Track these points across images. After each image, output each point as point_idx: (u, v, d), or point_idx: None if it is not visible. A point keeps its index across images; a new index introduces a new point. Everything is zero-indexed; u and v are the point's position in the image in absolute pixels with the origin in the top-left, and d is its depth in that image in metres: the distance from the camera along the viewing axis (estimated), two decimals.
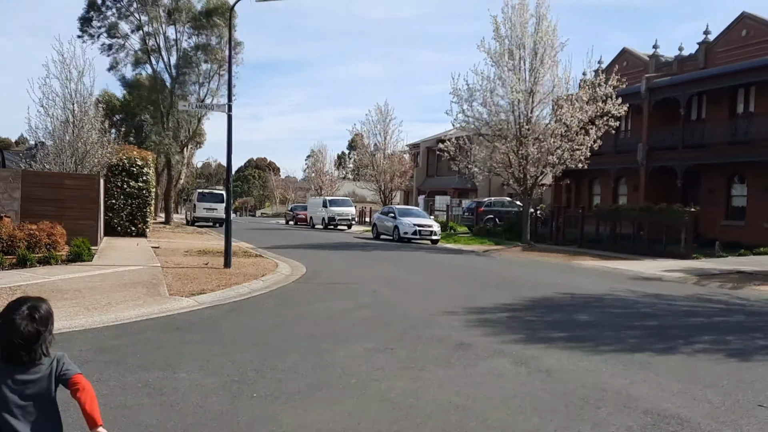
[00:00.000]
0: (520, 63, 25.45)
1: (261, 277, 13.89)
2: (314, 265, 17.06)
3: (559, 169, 25.67)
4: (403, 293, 12.20)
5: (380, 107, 43.53)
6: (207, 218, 40.47)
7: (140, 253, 17.61)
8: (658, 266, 19.81)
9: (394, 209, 31.87)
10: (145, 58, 36.21)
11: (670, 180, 29.54)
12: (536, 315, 10.28)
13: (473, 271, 17.13)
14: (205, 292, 11.51)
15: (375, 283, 13.60)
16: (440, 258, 21.26)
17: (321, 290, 12.36)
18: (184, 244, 22.39)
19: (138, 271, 13.72)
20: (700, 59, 29.31)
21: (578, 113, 24.62)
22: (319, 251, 22.48)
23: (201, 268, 14.67)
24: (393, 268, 17.07)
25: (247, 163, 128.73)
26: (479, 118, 26.09)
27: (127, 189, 23.58)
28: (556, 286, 14.03)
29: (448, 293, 12.39)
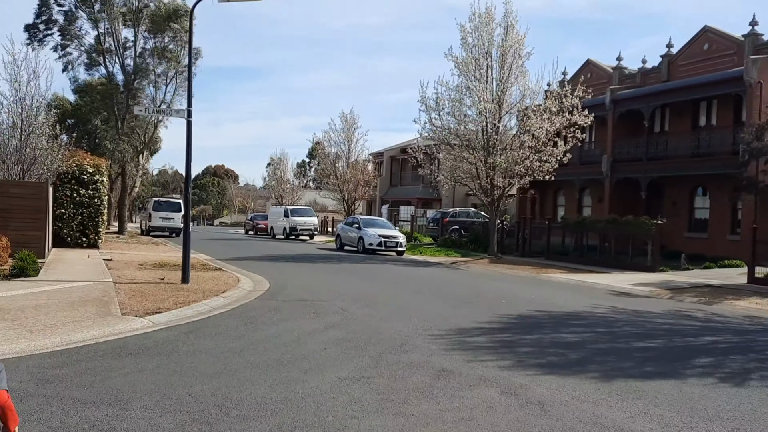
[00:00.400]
0: (488, 72, 25.14)
1: (221, 293, 13.08)
2: (278, 279, 16.29)
3: (526, 180, 25.41)
4: (373, 311, 11.55)
5: (345, 114, 42.91)
6: (163, 228, 39.16)
7: (91, 267, 16.57)
8: (627, 279, 19.59)
9: (359, 220, 31.21)
10: (99, 61, 34.89)
11: (634, 191, 29.57)
12: (517, 335, 9.74)
13: (444, 285, 16.58)
14: (161, 311, 10.67)
15: (343, 299, 12.92)
16: (408, 271, 20.67)
17: (286, 308, 11.63)
18: (138, 257, 21.35)
19: (88, 287, 12.77)
20: (663, 72, 29.51)
21: (546, 124, 24.39)
22: (281, 264, 21.67)
23: (156, 284, 13.78)
24: (360, 283, 16.41)
25: (205, 170, 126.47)
26: (447, 127, 25.68)
27: (78, 198, 22.42)
28: (531, 302, 13.56)
29: (420, 311, 11.78)
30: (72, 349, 7.85)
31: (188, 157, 13.87)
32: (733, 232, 25.81)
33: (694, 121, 28.33)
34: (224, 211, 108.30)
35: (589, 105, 27.06)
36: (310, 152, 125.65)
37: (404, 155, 53.74)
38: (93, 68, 35.55)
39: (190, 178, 14.11)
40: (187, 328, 9.53)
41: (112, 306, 10.88)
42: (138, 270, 16.69)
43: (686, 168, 27.12)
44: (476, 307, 12.52)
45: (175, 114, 13.88)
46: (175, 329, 9.48)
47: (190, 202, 14.27)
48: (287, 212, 43.35)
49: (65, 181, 22.28)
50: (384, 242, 28.62)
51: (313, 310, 11.40)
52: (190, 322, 10.13)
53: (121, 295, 11.93)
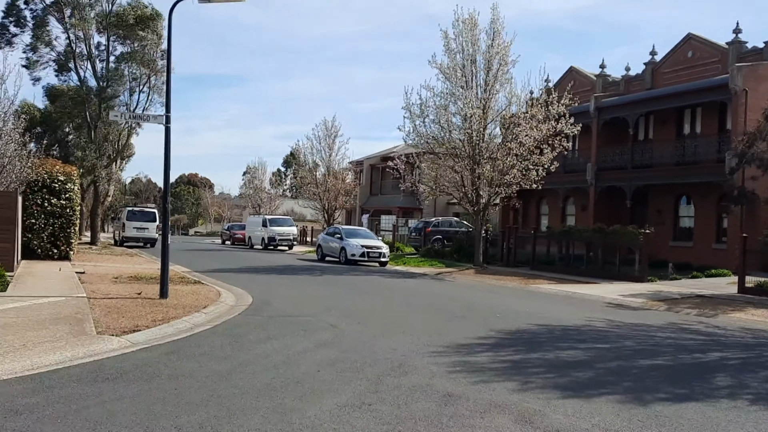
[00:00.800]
0: (473, 79, 24.76)
1: (203, 308, 12.39)
2: (260, 293, 15.61)
3: (513, 189, 25.01)
4: (364, 327, 10.96)
5: (327, 121, 42.24)
6: (137, 238, 38.13)
7: (63, 281, 15.75)
8: (616, 290, 19.22)
9: (341, 230, 30.57)
10: (71, 66, 33.87)
11: (618, 200, 29.38)
12: (520, 353, 9.21)
13: (433, 298, 16.04)
14: (139, 329, 9.98)
15: (331, 314, 12.31)
16: (394, 283, 20.11)
17: (273, 325, 10.98)
18: (112, 269, 20.51)
19: (60, 303, 12.00)
20: (647, 79, 29.40)
21: (534, 132, 24.04)
22: (263, 276, 20.97)
23: (133, 299, 13.04)
24: (347, 296, 15.81)
25: (179, 179, 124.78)
26: (432, 135, 25.21)
27: (49, 207, 21.51)
28: (526, 315, 13.07)
29: (413, 326, 11.21)
30: (44, 374, 7.18)
31: (167, 165, 13.18)
32: (719, 241, 25.66)
33: (678, 129, 28.23)
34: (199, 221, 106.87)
35: (574, 113, 26.79)
36: (286, 160, 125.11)
37: (385, 164, 53.25)
38: (64, 73, 34.53)
39: (168, 187, 13.42)
40: (168, 348, 8.86)
41: (86, 324, 10.17)
42: (113, 284, 15.91)
43: (671, 176, 26.98)
44: (470, 321, 11.98)
45: (152, 120, 13.20)
46: (155, 349, 8.81)
47: (169, 212, 13.56)
48: (266, 222, 42.56)
49: (35, 190, 21.38)
50: (367, 253, 28.01)
51: (302, 327, 10.78)
52: (171, 341, 9.46)
53: (95, 312, 11.20)
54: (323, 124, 42.15)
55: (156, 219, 38.75)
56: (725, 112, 25.88)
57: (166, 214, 13.43)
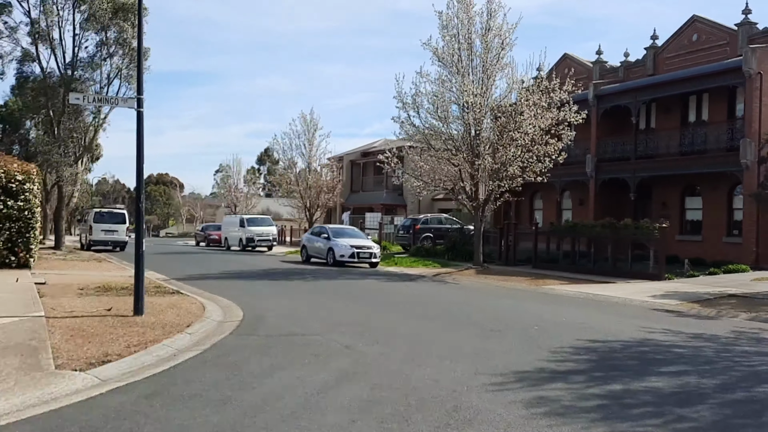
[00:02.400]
0: (470, 62, 22.92)
1: (186, 327, 10.35)
2: (250, 304, 13.59)
3: (517, 183, 23.18)
4: (385, 348, 9.04)
5: (305, 116, 40.05)
6: (105, 241, 35.62)
7: (18, 294, 13.53)
8: (638, 290, 17.58)
9: (327, 229, 28.53)
10: (34, 55, 31.31)
11: (619, 193, 27.88)
12: (597, 383, 7.32)
13: (447, 306, 14.16)
14: (110, 360, 7.98)
15: (340, 331, 10.36)
16: (395, 288, 18.19)
17: (275, 348, 9.01)
18: (78, 277, 18.27)
19: (11, 325, 9.85)
20: (649, 65, 27.88)
21: (539, 120, 22.28)
22: (248, 283, 18.91)
23: (102, 317, 10.92)
24: (349, 306, 13.86)
25: (148, 178, 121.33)
26: (427, 125, 23.31)
27: (4, 210, 19.16)
28: (568, 327, 11.26)
29: (444, 346, 9.32)
30: None
31: (139, 158, 11.09)
32: (730, 234, 24.23)
33: (683, 116, 26.77)
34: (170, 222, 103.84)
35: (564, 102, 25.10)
36: (260, 158, 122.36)
37: (366, 159, 51.32)
38: (27, 62, 31.88)
39: (142, 183, 11.32)
40: (149, 388, 6.86)
41: (42, 354, 8.10)
42: (78, 297, 13.73)
43: (677, 167, 25.50)
44: (508, 336, 10.12)
45: (121, 103, 11.11)
46: (131, 389, 6.81)
47: (143, 213, 11.45)
48: (243, 222, 40.33)
49: None
50: (357, 254, 26.04)
51: (311, 351, 8.82)
52: (152, 375, 7.46)
53: (55, 337, 9.11)
54: (301, 118, 40.00)
55: (126, 221, 36.32)
56: (734, 97, 24.46)
57: (140, 216, 11.31)
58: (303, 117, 39.83)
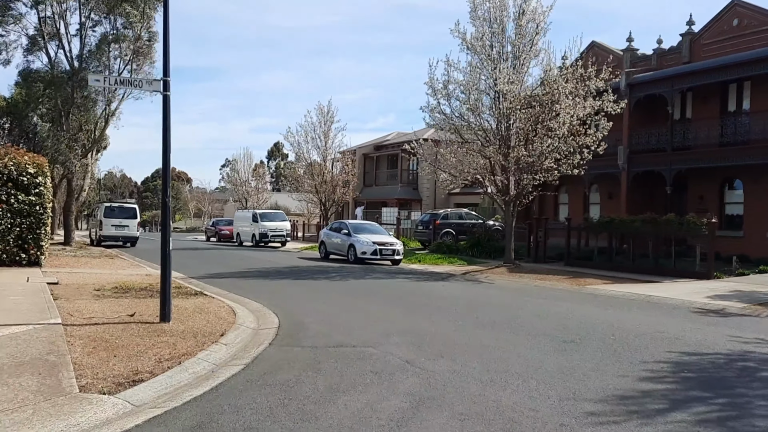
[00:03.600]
0: (502, 49, 21.70)
1: (220, 337, 9.24)
2: (283, 308, 12.48)
3: (555, 176, 21.94)
4: (454, 364, 7.88)
5: (322, 107, 38.71)
6: (116, 237, 34.61)
7: (31, 297, 12.43)
8: (691, 290, 16.39)
9: (347, 224, 27.36)
10: (42, 44, 30.15)
11: (653, 186, 26.65)
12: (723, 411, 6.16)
13: (499, 311, 12.99)
14: (141, 379, 6.91)
15: (394, 342, 9.22)
16: (431, 289, 17.02)
17: (326, 364, 7.87)
18: (92, 276, 17.19)
19: (25, 335, 8.74)
20: (684, 53, 26.54)
21: (578, 109, 21.05)
22: (273, 283, 17.78)
23: (125, 324, 9.82)
24: (392, 311, 12.71)
25: (155, 173, 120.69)
26: (458, 114, 22.06)
27: (15, 205, 18.10)
28: (646, 336, 10.07)
29: (521, 361, 8.16)
30: None
31: (166, 146, 9.97)
32: None
33: (722, 106, 25.47)
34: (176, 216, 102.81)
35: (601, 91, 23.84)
36: (270, 152, 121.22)
37: (379, 152, 50.13)
38: (33, 53, 30.74)
39: (168, 175, 10.20)
40: (193, 418, 5.77)
41: (62, 372, 7.01)
42: (95, 299, 12.63)
43: (717, 158, 24.21)
44: (588, 348, 8.95)
45: (146, 86, 9.97)
46: (172, 420, 5.73)
47: (170, 207, 10.32)
48: (256, 217, 39.18)
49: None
50: (379, 250, 24.91)
51: (369, 367, 7.69)
52: (192, 400, 6.36)
53: (76, 350, 8.01)
54: (317, 110, 38.71)
55: (137, 215, 35.29)
56: None
57: (167, 210, 10.18)
58: (320, 108, 38.59)
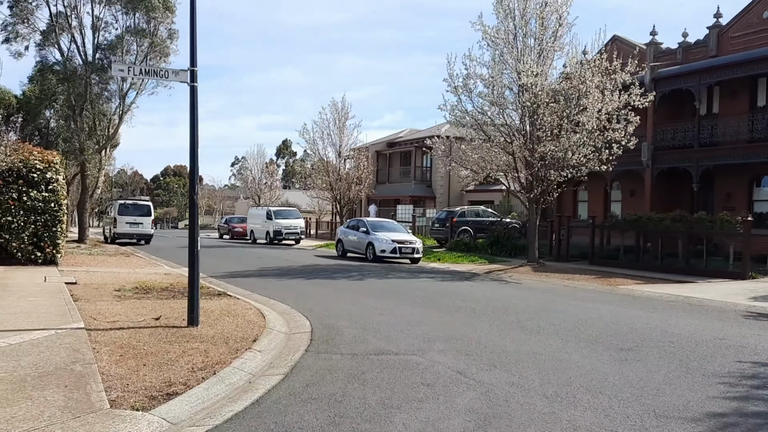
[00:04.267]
0: (525, 41, 21.09)
1: (252, 343, 8.71)
2: (310, 309, 11.96)
3: (583, 172, 21.29)
4: (512, 376, 7.31)
5: (336, 103, 38.14)
6: (131, 234, 34.23)
7: (49, 298, 11.95)
8: (729, 291, 15.77)
9: (365, 222, 26.81)
10: (54, 38, 29.66)
11: (676, 183, 26.05)
12: None
13: (539, 313, 12.40)
14: (175, 392, 6.39)
15: (438, 349, 8.66)
16: (459, 289, 16.46)
17: (371, 374, 7.33)
18: (110, 275, 16.72)
19: (48, 342, 8.24)
20: (711, 46, 25.81)
21: (607, 104, 20.43)
22: (295, 282, 17.26)
23: (152, 329, 9.30)
24: (425, 313, 12.14)
25: (164, 170, 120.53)
26: (480, 110, 21.46)
27: (28, 202, 17.66)
28: (706, 342, 9.48)
29: (582, 373, 7.59)
30: None
31: (193, 139, 9.44)
32: None
33: (751, 100, 24.77)
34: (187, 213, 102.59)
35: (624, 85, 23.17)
36: (279, 150, 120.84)
37: (392, 150, 49.56)
38: (46, 47, 30.26)
39: (196, 170, 9.65)
40: None
41: (90, 384, 6.49)
42: (116, 300, 12.14)
43: (746, 155, 23.52)
44: (648, 357, 8.33)
45: (172, 76, 9.44)
46: None
47: (198, 204, 9.79)
48: (270, 214, 38.70)
49: (10, 181, 17.51)
50: (399, 248, 24.37)
51: (418, 378, 7.14)
52: (234, 417, 5.84)
53: (102, 358, 7.50)
54: (331, 106, 38.10)
55: (151, 213, 34.93)
56: None
57: (194, 208, 9.64)
58: (333, 104, 38.00)
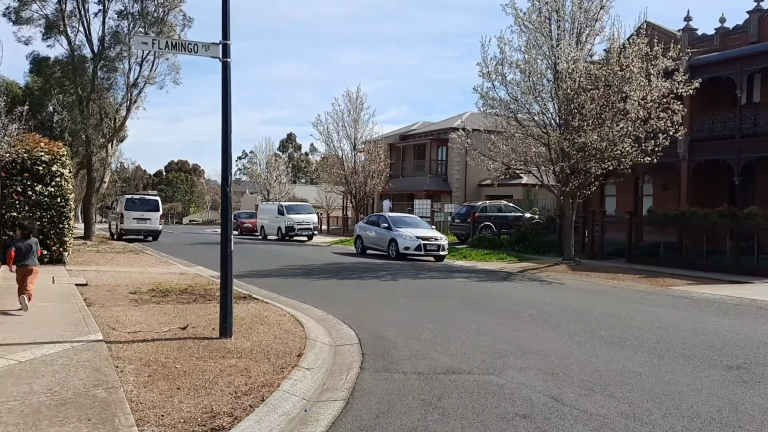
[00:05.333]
0: (561, 25, 19.81)
1: (297, 358, 7.49)
2: (349, 315, 10.76)
3: (626, 164, 19.95)
4: (622, 404, 6.07)
5: (350, 93, 36.80)
6: (138, 230, 33.03)
7: (59, 303, 10.73)
8: None
9: (387, 218, 25.53)
10: (61, 25, 28.41)
11: (715, 177, 24.72)
12: None
13: (606, 320, 11.14)
14: (221, 426, 5.25)
15: (516, 367, 7.43)
16: (503, 290, 15.20)
17: (448, 401, 6.10)
18: (122, 276, 15.51)
19: (63, 359, 6.99)
20: (752, 31, 24.43)
21: (653, 91, 19.14)
22: (322, 283, 16.04)
23: (180, 341, 8.08)
24: (479, 318, 10.89)
25: (168, 165, 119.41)
26: (514, 98, 20.14)
27: (33, 196, 16.45)
28: None
29: (702, 399, 6.36)
30: None
31: (226, 121, 8.22)
32: None
33: None
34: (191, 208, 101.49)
35: (671, 71, 21.86)
36: (282, 144, 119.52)
37: (405, 142, 48.29)
38: (51, 36, 29.03)
39: (229, 157, 8.40)
40: None
41: (118, 416, 5.27)
42: (133, 305, 10.92)
43: None
44: (763, 377, 7.15)
45: (202, 51, 8.20)
46: None
47: (231, 198, 8.55)
48: (281, 209, 37.46)
49: (13, 174, 16.30)
50: (423, 245, 23.13)
51: (509, 407, 5.90)
52: None
53: (128, 380, 6.28)
54: (345, 97, 36.78)
55: (159, 208, 33.73)
56: None
57: (228, 202, 8.42)
58: (348, 94, 36.67)
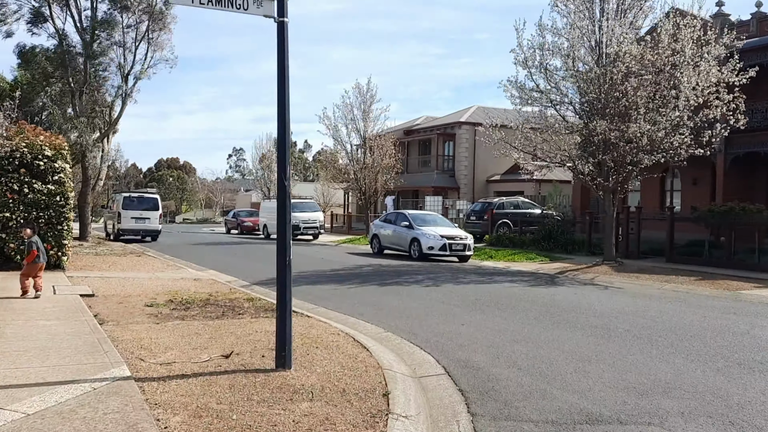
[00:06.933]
0: (606, 6, 18.32)
1: (384, 399, 5.85)
2: (412, 332, 9.16)
3: (681, 156, 18.40)
4: None
5: (360, 85, 34.99)
6: (136, 230, 31.28)
7: (66, 321, 9.02)
8: None
9: (408, 216, 23.86)
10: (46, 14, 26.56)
11: (750, 171, 23.35)
12: None
13: (722, 336, 9.60)
14: None
15: (674, 411, 5.86)
16: (563, 297, 13.60)
17: None
18: (130, 283, 13.79)
19: (83, 408, 5.28)
20: None
21: (709, 77, 17.66)
22: (357, 290, 14.37)
23: (228, 375, 6.39)
24: (569, 337, 9.29)
25: (158, 163, 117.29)
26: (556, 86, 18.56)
27: (31, 195, 14.73)
28: None
29: None
30: None
31: (283, 94, 6.57)
32: None
33: None
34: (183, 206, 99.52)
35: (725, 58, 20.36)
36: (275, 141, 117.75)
37: (409, 138, 46.73)
38: (39, 25, 27.18)
39: (287, 136, 6.74)
40: None
41: None
42: (153, 321, 9.20)
43: None
44: None
45: (253, 9, 6.53)
46: None
47: (290, 192, 6.85)
48: None
49: (9, 170, 14.58)
50: (449, 245, 21.53)
51: None
52: None
53: None
54: (355, 89, 34.97)
55: (158, 207, 31.99)
56: None
57: (286, 198, 6.74)
58: (357, 87, 34.83)
